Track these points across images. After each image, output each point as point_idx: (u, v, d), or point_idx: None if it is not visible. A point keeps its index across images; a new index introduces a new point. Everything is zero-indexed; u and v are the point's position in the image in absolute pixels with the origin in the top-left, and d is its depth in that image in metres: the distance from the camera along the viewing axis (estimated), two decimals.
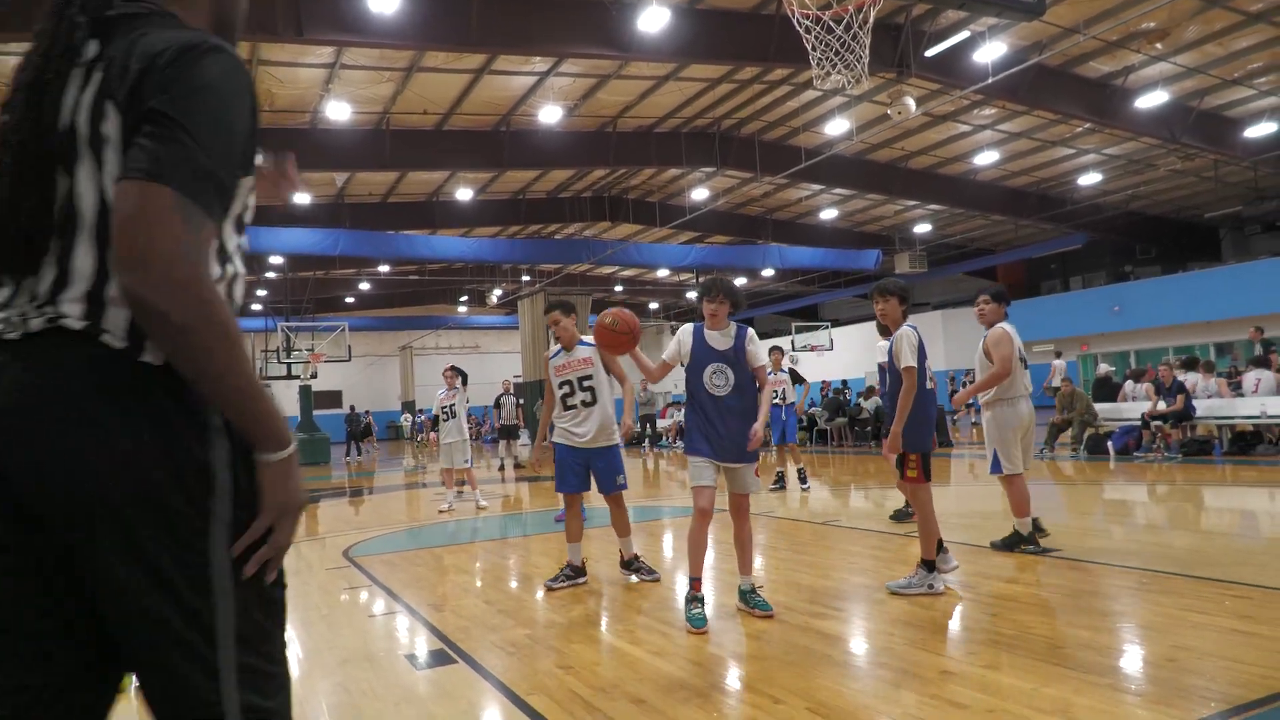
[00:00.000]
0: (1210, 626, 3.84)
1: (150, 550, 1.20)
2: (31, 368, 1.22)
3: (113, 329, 1.23)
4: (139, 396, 1.22)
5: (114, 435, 1.19)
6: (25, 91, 1.29)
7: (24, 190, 1.26)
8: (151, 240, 1.14)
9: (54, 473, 1.18)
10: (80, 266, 1.25)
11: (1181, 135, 17.90)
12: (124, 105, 1.23)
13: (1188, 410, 11.95)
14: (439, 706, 3.40)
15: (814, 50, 9.28)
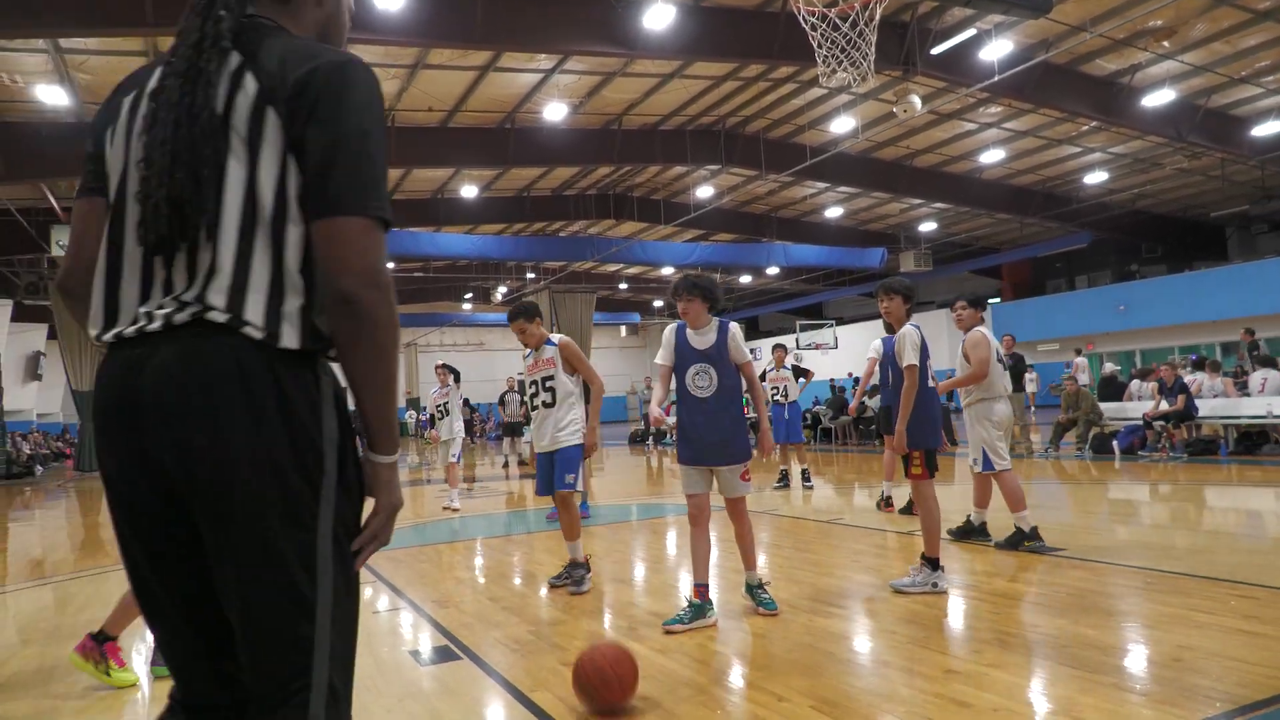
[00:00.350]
0: (1216, 626, 3.83)
1: (270, 526, 1.32)
2: (178, 358, 1.32)
3: (253, 320, 1.33)
4: (273, 387, 1.34)
5: (249, 421, 1.31)
6: (178, 80, 1.37)
7: (176, 179, 1.33)
8: (377, 273, 1.35)
9: (196, 452, 1.30)
10: (223, 260, 1.34)
11: (1188, 134, 17.83)
12: (287, 114, 1.36)
13: (1189, 410, 11.91)
14: (443, 703, 3.41)
15: (820, 47, 9.26)
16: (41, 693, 3.79)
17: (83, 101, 14.34)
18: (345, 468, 1.42)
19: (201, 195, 1.33)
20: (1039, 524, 5.87)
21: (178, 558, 1.39)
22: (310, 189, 1.36)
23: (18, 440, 24.78)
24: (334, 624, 1.38)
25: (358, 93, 1.39)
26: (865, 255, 26.48)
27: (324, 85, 1.37)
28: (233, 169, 1.35)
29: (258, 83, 1.37)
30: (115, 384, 1.36)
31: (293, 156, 1.37)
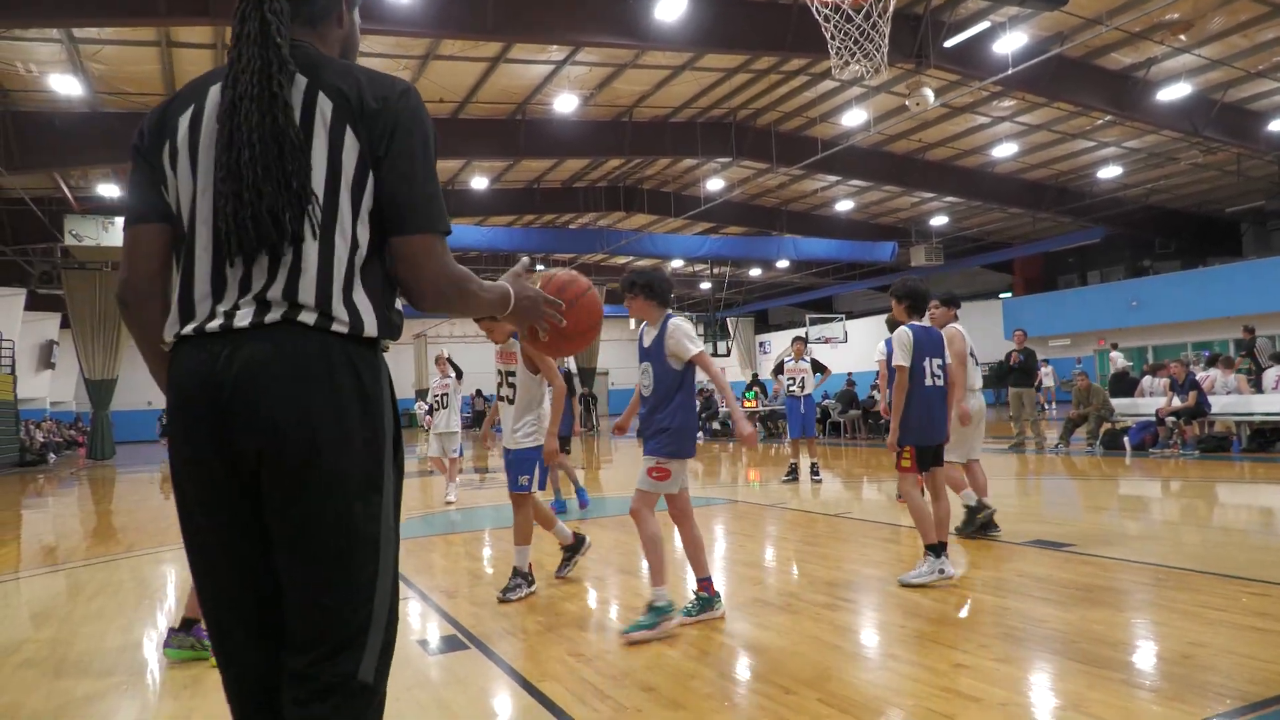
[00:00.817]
0: (1226, 623, 3.81)
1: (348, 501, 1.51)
2: (269, 350, 1.48)
3: (338, 315, 1.51)
4: (353, 376, 1.52)
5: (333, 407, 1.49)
6: (254, 104, 1.50)
7: (267, 192, 1.48)
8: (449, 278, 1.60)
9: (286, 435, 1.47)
10: (308, 262, 1.51)
11: (1204, 128, 17.66)
12: (366, 134, 1.55)
13: (1201, 406, 11.83)
14: (451, 692, 3.42)
15: (832, 39, 9.22)
16: (54, 678, 3.82)
17: (96, 91, 14.41)
18: (398, 449, 1.64)
19: (294, 206, 1.49)
20: (1047, 522, 5.86)
21: (242, 535, 1.56)
22: (391, 207, 1.56)
23: (31, 428, 24.96)
24: (393, 590, 1.61)
25: (425, 119, 1.62)
26: (876, 249, 26.38)
27: (400, 112, 1.58)
28: (316, 180, 1.52)
29: (332, 103, 1.54)
30: (201, 373, 1.49)
31: (371, 172, 1.56)
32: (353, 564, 1.53)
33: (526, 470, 5.09)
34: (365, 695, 1.54)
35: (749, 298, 39.53)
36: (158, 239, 1.63)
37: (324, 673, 1.50)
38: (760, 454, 15.89)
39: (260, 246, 1.48)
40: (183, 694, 3.55)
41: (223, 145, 1.51)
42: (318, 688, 1.50)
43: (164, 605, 5.29)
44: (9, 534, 9.19)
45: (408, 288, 1.61)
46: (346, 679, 1.51)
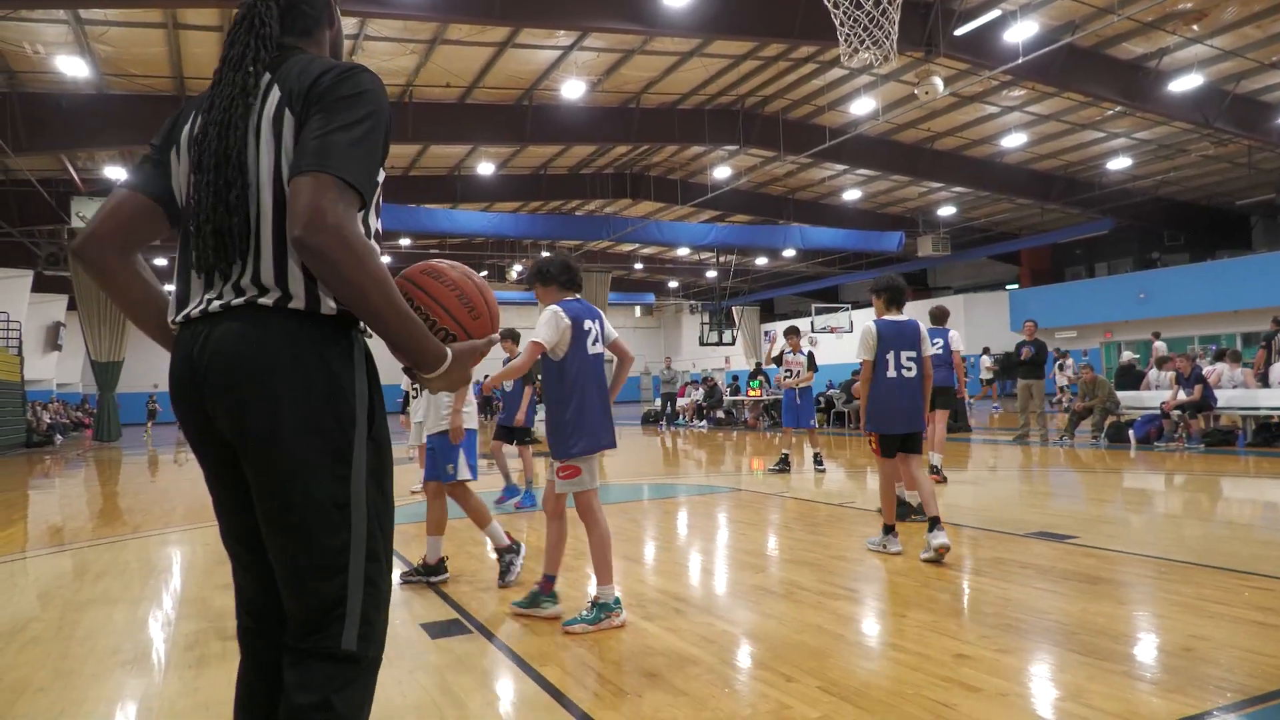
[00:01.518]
0: (1228, 617, 3.81)
1: (310, 474, 1.56)
2: (232, 330, 1.57)
3: (296, 294, 1.58)
4: (314, 353, 1.58)
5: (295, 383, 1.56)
6: (218, 128, 1.62)
7: (222, 212, 1.60)
8: (322, 215, 1.47)
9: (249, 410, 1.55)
10: (265, 252, 1.59)
11: (1215, 120, 17.53)
12: (299, 114, 1.59)
13: (1207, 400, 11.79)
14: (453, 675, 3.44)
15: (841, 26, 9.16)
16: (61, 656, 3.85)
17: (102, 73, 14.39)
18: (373, 422, 1.67)
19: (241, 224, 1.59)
20: (1051, 514, 5.86)
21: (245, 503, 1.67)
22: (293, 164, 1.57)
23: (38, 410, 25.09)
24: (368, 560, 1.62)
25: (351, 85, 1.60)
26: (883, 239, 26.30)
27: (329, 82, 1.60)
28: (261, 178, 1.60)
29: (279, 93, 1.62)
30: (180, 357, 1.64)
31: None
32: (321, 536, 1.57)
33: (454, 458, 4.93)
34: (351, 664, 1.59)
35: (755, 286, 39.45)
36: (136, 207, 1.73)
37: (308, 644, 1.58)
38: (766, 442, 15.89)
39: (219, 253, 1.60)
40: (187, 673, 3.58)
41: (195, 165, 1.65)
42: (305, 659, 1.57)
43: (169, 586, 5.33)
44: (16, 514, 9.26)
45: (290, 239, 1.50)
46: (331, 649, 1.57)
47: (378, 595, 1.65)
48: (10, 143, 14.46)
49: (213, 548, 6.53)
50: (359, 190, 1.53)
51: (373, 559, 1.64)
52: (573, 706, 3.04)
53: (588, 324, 4.02)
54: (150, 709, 3.23)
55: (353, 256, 1.48)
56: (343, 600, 1.59)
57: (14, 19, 12.46)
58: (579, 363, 4.00)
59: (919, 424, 5.44)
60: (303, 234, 1.46)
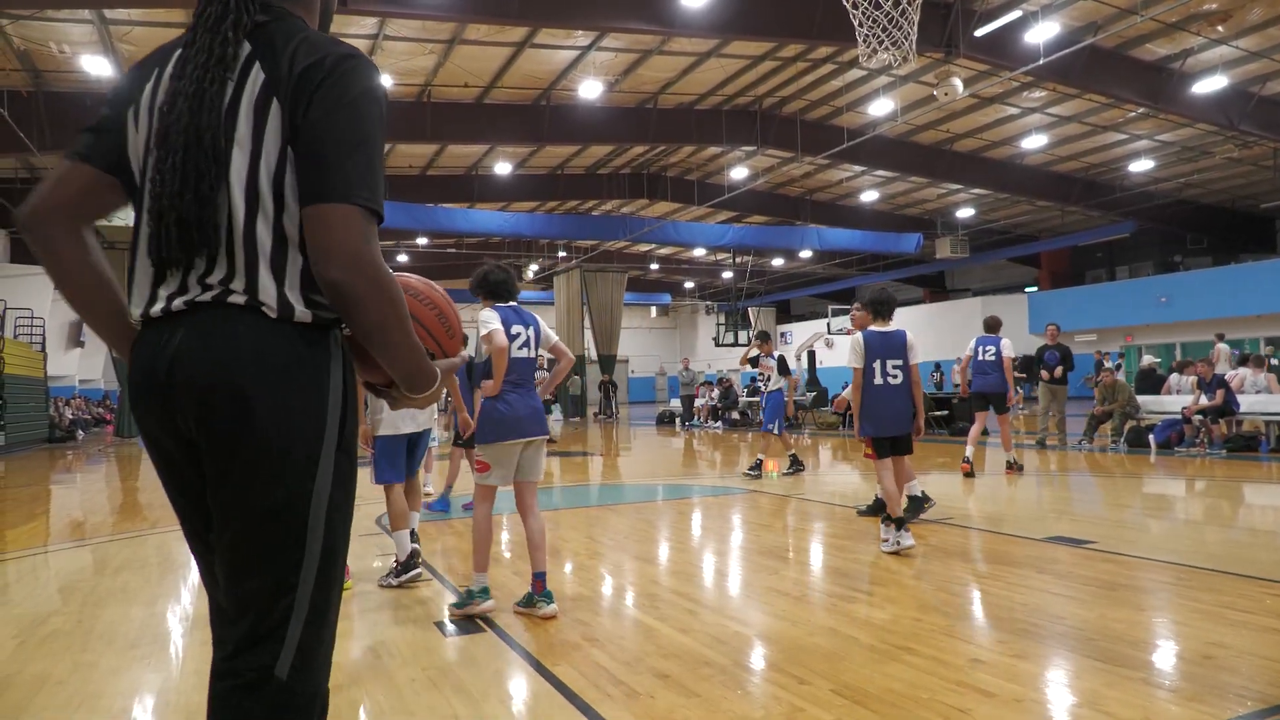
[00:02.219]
0: (1249, 625, 3.76)
1: (272, 484, 1.45)
2: (199, 335, 1.45)
3: (267, 301, 1.45)
4: (284, 360, 1.46)
5: (262, 390, 1.44)
6: (189, 100, 1.46)
7: (191, 201, 1.44)
8: (360, 258, 1.41)
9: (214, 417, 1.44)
10: (235, 249, 1.46)
11: (1240, 122, 17.33)
12: (290, 104, 1.44)
13: (1229, 405, 11.65)
14: (467, 673, 3.45)
15: (860, 27, 9.12)
16: (80, 650, 3.90)
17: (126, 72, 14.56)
18: (344, 432, 1.54)
19: (213, 213, 1.44)
20: (1069, 518, 5.81)
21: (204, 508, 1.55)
22: (301, 176, 1.44)
23: (60, 405, 25.38)
24: (318, 585, 1.50)
25: (356, 85, 1.46)
26: (901, 240, 26.16)
27: (325, 75, 1.45)
28: (236, 169, 1.45)
29: (264, 75, 1.46)
30: (144, 358, 1.50)
31: (291, 145, 1.45)
32: (273, 552, 1.46)
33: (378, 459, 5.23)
34: (282, 694, 1.45)
35: (771, 287, 39.36)
36: (87, 181, 1.55)
37: (240, 664, 1.46)
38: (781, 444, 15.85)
39: (184, 247, 1.45)
40: (204, 667, 3.60)
41: (159, 139, 1.48)
42: (235, 681, 1.45)
43: (187, 580, 5.37)
44: (38, 509, 9.37)
45: (313, 266, 1.44)
46: (262, 673, 1.44)
47: (321, 628, 1.51)
48: (35, 141, 14.65)
49: None
50: (380, 215, 1.47)
51: (322, 587, 1.50)
52: (585, 707, 3.04)
53: (515, 328, 4.41)
54: (167, 703, 3.25)
55: (384, 297, 1.43)
56: (285, 620, 1.46)
57: (40, 19, 12.63)
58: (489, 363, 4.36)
59: (907, 426, 5.87)
60: (341, 277, 1.40)
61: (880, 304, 6.00)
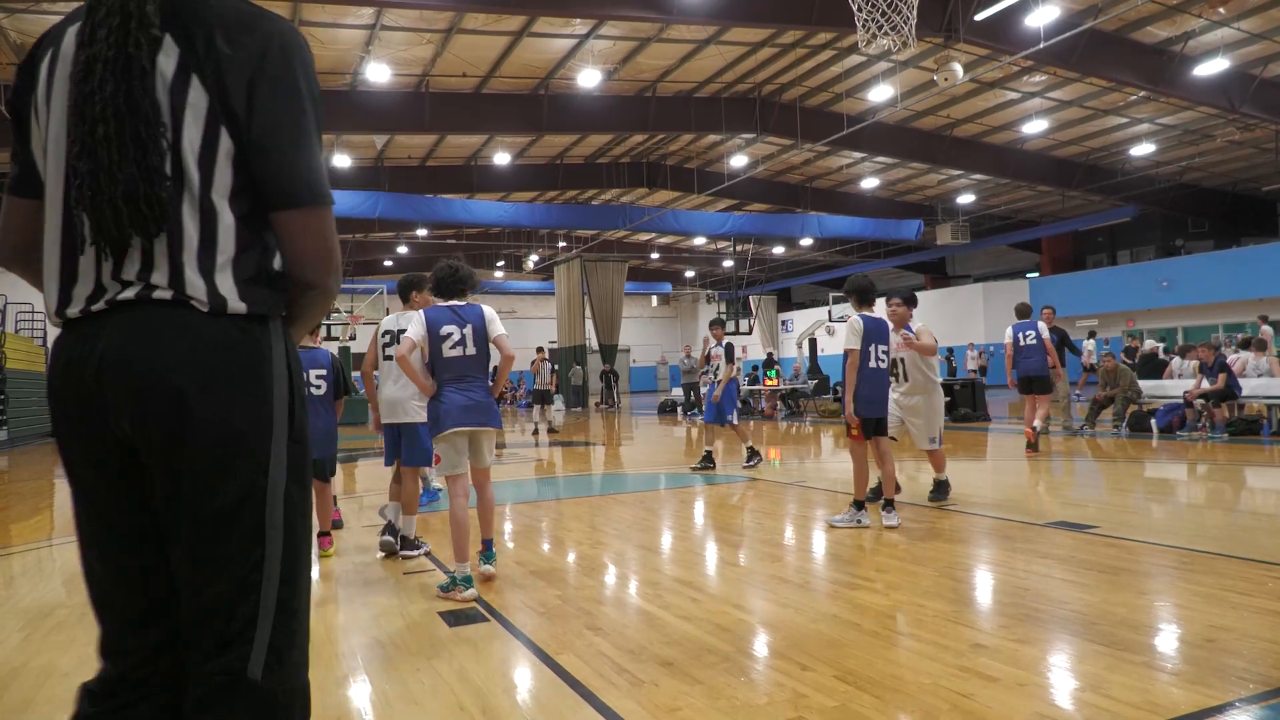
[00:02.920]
0: (1251, 608, 3.77)
1: (221, 484, 1.39)
2: (126, 334, 1.37)
3: (196, 294, 1.38)
4: (221, 353, 1.40)
5: (198, 387, 1.37)
6: (111, 66, 1.34)
7: (131, 174, 1.33)
8: (332, 252, 1.48)
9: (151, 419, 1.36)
10: (159, 239, 1.37)
11: (1242, 105, 17.25)
12: (215, 83, 1.36)
13: (1231, 389, 11.64)
14: (471, 663, 3.46)
15: (860, 12, 9.07)
16: (85, 642, 3.91)
17: None
18: (294, 420, 1.49)
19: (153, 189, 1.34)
20: (1071, 503, 5.82)
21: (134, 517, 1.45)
22: (261, 177, 1.40)
23: None
24: (283, 583, 1.44)
25: (298, 67, 1.42)
26: (901, 227, 26.10)
27: (261, 59, 1.38)
28: (165, 157, 1.36)
29: (178, 49, 1.35)
30: (66, 362, 1.41)
31: (225, 128, 1.37)
32: (231, 554, 1.40)
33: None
34: (258, 696, 1.40)
35: (772, 275, 39.33)
36: (26, 216, 1.49)
37: (210, 670, 1.40)
38: (783, 431, 15.87)
39: (119, 233, 1.35)
40: None
41: (76, 114, 1.35)
42: (208, 687, 1.40)
43: None
44: (43, 502, 9.40)
45: (289, 266, 1.48)
46: (234, 678, 1.39)
47: (291, 623, 1.46)
48: None
49: None
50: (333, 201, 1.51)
51: (288, 582, 1.45)
52: (589, 695, 3.05)
53: (445, 329, 4.56)
54: None
55: (338, 292, 1.56)
56: (252, 622, 1.40)
57: (35, 12, 12.58)
58: (436, 362, 4.60)
59: (886, 409, 6.24)
60: (320, 280, 1.48)
61: (862, 291, 6.24)
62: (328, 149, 19.99)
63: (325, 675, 3.39)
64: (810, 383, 21.47)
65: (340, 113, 16.85)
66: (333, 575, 5.20)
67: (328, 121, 16.87)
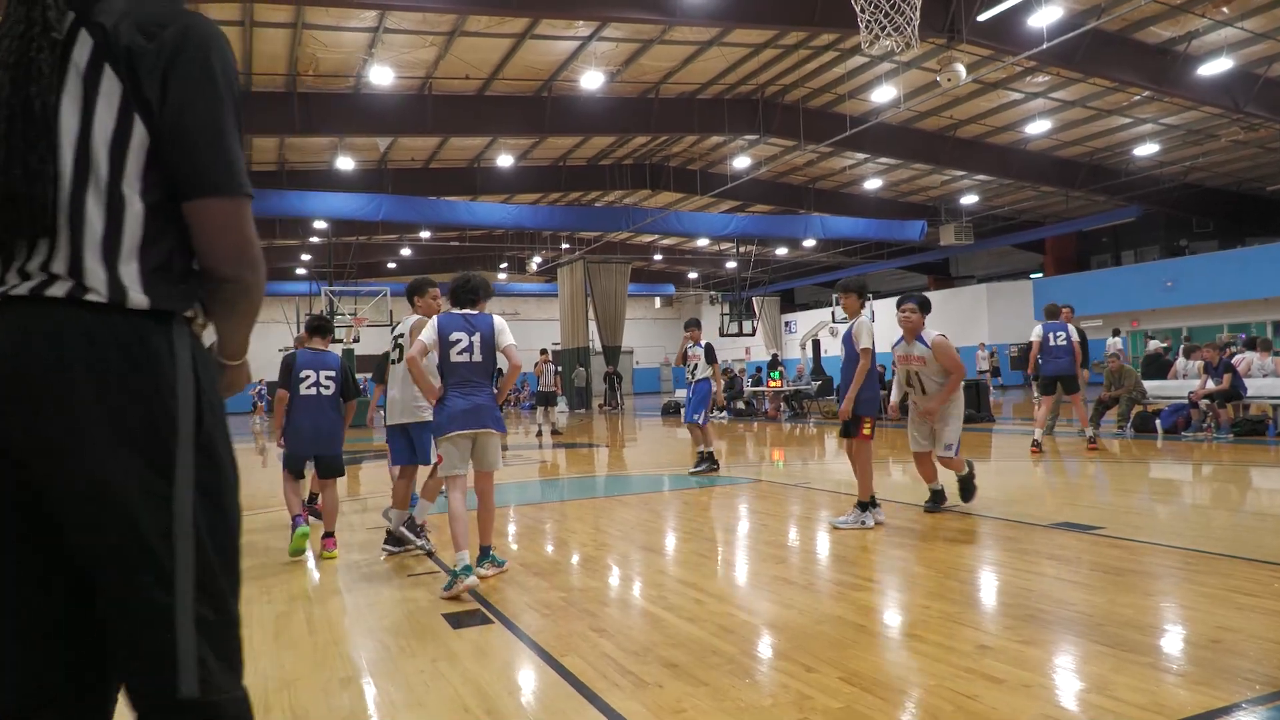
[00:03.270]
0: (1257, 608, 3.75)
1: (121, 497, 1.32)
2: (16, 333, 1.31)
3: (95, 286, 1.33)
4: (119, 352, 1.33)
5: (92, 391, 1.31)
6: (11, 71, 1.34)
7: (19, 176, 1.32)
8: (247, 244, 1.43)
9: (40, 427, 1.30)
10: (60, 229, 1.34)
11: (1246, 105, 17.21)
12: (128, 72, 1.35)
13: (1236, 389, 11.60)
14: (475, 665, 3.46)
15: (862, 13, 9.07)
16: None
17: None
18: (202, 425, 1.40)
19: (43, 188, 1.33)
20: (1076, 504, 5.81)
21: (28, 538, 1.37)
22: (175, 167, 1.38)
23: None
24: (199, 595, 1.37)
25: (214, 58, 1.40)
26: (904, 228, 26.08)
27: (175, 49, 1.37)
28: (66, 140, 1.34)
29: (92, 40, 1.36)
30: None
31: (139, 117, 1.36)
32: (137, 570, 1.33)
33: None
34: (197, 711, 1.36)
35: (775, 277, 39.31)
36: None
37: (142, 693, 1.37)
38: (787, 432, 15.86)
39: (11, 227, 1.33)
40: None
41: None
42: (143, 710, 1.36)
43: None
44: None
45: (200, 258, 1.43)
46: (165, 699, 1.34)
47: (214, 633, 1.39)
48: None
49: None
50: (251, 195, 1.45)
51: (204, 592, 1.37)
52: (594, 696, 3.05)
53: (454, 335, 4.77)
54: None
55: (262, 282, 1.47)
56: (173, 646, 1.34)
57: None
58: (444, 366, 4.80)
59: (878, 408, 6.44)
60: (234, 273, 1.43)
61: (864, 290, 6.39)
62: (331, 151, 20.02)
63: (329, 677, 3.39)
64: (814, 384, 21.46)
65: (343, 115, 16.88)
66: (336, 577, 5.21)
67: (332, 124, 17.07)
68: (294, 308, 28.14)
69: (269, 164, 20.86)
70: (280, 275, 33.80)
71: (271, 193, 19.63)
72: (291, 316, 26.57)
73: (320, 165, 21.11)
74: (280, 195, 19.62)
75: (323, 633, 4.02)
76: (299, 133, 16.98)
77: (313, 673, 3.45)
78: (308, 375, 5.76)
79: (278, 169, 20.99)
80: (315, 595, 4.80)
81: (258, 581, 5.10)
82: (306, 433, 5.73)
